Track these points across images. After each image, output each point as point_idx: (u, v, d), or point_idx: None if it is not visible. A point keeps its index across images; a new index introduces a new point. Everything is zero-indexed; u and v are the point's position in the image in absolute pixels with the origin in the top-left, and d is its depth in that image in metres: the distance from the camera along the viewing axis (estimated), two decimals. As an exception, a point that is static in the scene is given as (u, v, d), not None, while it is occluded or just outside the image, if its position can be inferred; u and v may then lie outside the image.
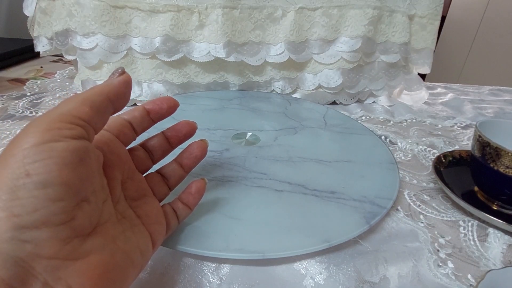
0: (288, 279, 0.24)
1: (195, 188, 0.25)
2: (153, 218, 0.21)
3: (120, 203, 0.20)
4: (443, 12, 0.82)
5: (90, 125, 0.16)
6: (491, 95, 0.70)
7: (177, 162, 0.25)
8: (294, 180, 0.33)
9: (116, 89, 0.18)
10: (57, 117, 0.15)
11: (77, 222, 0.15)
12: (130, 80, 0.19)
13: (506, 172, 0.29)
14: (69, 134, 0.15)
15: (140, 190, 0.22)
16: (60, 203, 0.14)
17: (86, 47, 0.46)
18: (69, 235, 0.14)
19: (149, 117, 0.23)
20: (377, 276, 0.25)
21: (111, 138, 0.20)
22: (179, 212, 0.24)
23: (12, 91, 0.54)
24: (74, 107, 0.16)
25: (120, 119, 0.22)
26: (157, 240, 0.21)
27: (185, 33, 0.47)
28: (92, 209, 0.16)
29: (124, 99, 0.19)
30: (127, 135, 0.22)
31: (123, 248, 0.17)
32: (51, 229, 0.14)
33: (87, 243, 0.15)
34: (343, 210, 0.29)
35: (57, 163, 0.14)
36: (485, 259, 0.27)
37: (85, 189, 0.15)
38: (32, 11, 0.49)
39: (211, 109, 0.48)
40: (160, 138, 0.25)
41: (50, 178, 0.14)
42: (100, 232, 0.16)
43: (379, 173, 0.35)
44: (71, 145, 0.15)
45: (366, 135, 0.44)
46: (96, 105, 0.17)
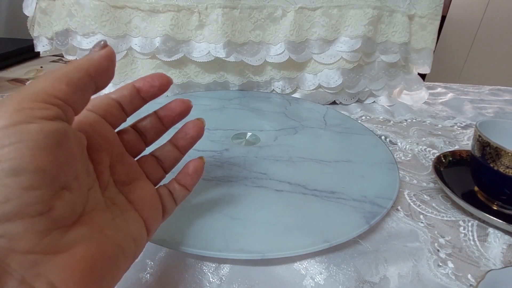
0: (288, 279, 0.24)
1: (193, 167, 0.23)
2: (147, 202, 0.20)
3: (109, 189, 0.18)
4: (443, 12, 0.82)
5: (68, 104, 0.14)
6: (491, 95, 0.70)
7: (172, 143, 0.23)
8: (294, 180, 0.33)
9: (97, 64, 0.16)
10: (29, 96, 0.13)
11: (57, 212, 0.13)
12: (112, 53, 0.17)
13: (506, 172, 0.29)
14: (43, 115, 0.13)
15: (131, 174, 0.20)
16: (35, 192, 0.12)
17: (86, 47, 0.46)
18: (48, 226, 0.13)
19: (139, 95, 0.20)
20: (377, 276, 0.25)
21: (96, 119, 0.19)
22: (175, 194, 0.22)
23: (12, 91, 0.54)
24: (48, 84, 0.14)
25: (107, 99, 0.20)
26: (152, 226, 0.19)
27: (185, 33, 0.47)
28: (74, 197, 0.14)
29: (107, 75, 0.17)
30: (116, 116, 0.20)
31: (112, 237, 0.16)
32: (26, 221, 0.12)
33: (70, 234, 0.14)
34: (343, 210, 0.29)
35: (30, 147, 0.12)
36: (485, 259, 0.27)
37: (65, 175, 0.14)
38: (32, 11, 0.49)
39: (211, 109, 0.48)
40: (153, 119, 0.22)
41: (22, 164, 0.12)
42: (85, 221, 0.15)
43: (379, 173, 0.35)
44: (46, 126, 0.13)
45: (366, 135, 0.44)
46: (74, 81, 0.15)
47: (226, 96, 0.53)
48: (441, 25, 1.37)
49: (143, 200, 0.19)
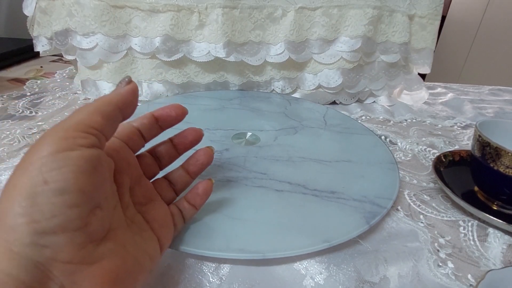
0: (288, 279, 0.24)
1: (202, 189, 0.25)
2: (161, 222, 0.22)
3: (129, 209, 0.20)
4: (443, 12, 0.82)
5: (102, 134, 0.17)
6: (491, 95, 0.70)
7: (184, 168, 0.26)
8: (294, 180, 0.33)
9: (124, 98, 0.19)
10: (72, 126, 0.16)
11: (91, 227, 0.15)
12: (136, 88, 0.20)
13: (506, 172, 0.29)
14: (83, 143, 0.16)
15: (147, 195, 0.22)
16: (76, 209, 0.14)
17: (86, 47, 0.46)
18: (84, 240, 0.15)
19: (157, 124, 0.23)
20: (377, 276, 0.25)
21: (120, 145, 0.21)
22: (185, 212, 0.24)
23: (12, 91, 0.54)
24: (87, 116, 0.17)
25: (129, 126, 0.22)
26: (164, 243, 0.21)
27: (185, 33, 0.47)
28: (104, 215, 0.16)
29: (132, 107, 0.20)
30: (136, 142, 0.22)
31: (133, 253, 0.18)
32: (68, 234, 0.14)
33: (100, 248, 0.16)
34: (343, 210, 0.29)
35: (73, 171, 0.15)
36: (485, 259, 0.27)
37: (98, 195, 0.16)
38: (32, 10, 0.49)
39: (211, 109, 0.48)
40: (167, 145, 0.25)
41: (66, 185, 0.14)
42: (111, 237, 0.17)
43: (379, 173, 0.35)
44: (86, 153, 0.15)
45: (366, 135, 0.44)
46: (106, 114, 0.17)
47: (226, 96, 0.53)
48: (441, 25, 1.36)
49: (158, 220, 0.21)
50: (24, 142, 0.39)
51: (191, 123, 0.43)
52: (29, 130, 0.42)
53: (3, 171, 0.34)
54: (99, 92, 0.49)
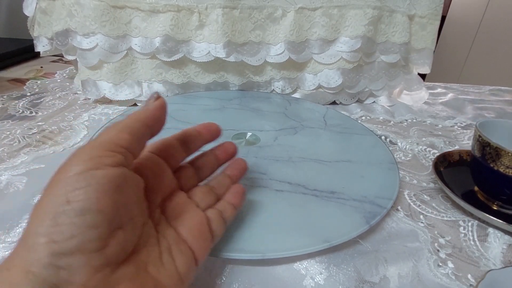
0: (288, 279, 0.24)
1: (241, 188, 0.26)
2: (195, 233, 0.21)
3: (160, 224, 0.20)
4: (443, 12, 0.82)
5: (129, 151, 0.17)
6: (492, 95, 0.70)
7: (226, 174, 0.26)
8: (294, 180, 0.33)
9: (152, 114, 0.19)
10: (99, 145, 0.16)
11: (110, 250, 0.15)
12: (165, 104, 0.20)
13: (506, 172, 0.29)
14: (109, 162, 0.15)
15: (181, 207, 0.22)
16: (95, 230, 0.14)
17: (86, 47, 0.46)
18: (102, 263, 0.14)
19: (200, 137, 0.24)
20: (377, 276, 0.25)
21: (155, 161, 0.21)
22: (226, 213, 0.24)
23: (12, 91, 0.54)
24: (114, 134, 0.17)
25: (169, 140, 0.23)
26: (200, 255, 0.20)
27: (185, 33, 0.47)
28: (126, 237, 0.16)
29: (160, 123, 0.20)
30: (175, 157, 0.23)
31: (155, 276, 0.17)
32: (85, 256, 0.14)
33: (118, 272, 0.15)
34: (343, 210, 0.29)
35: (96, 190, 0.14)
36: (485, 259, 0.27)
37: (120, 216, 0.16)
38: (32, 11, 0.49)
39: (211, 109, 0.48)
40: (209, 156, 0.26)
41: (88, 205, 0.14)
42: (133, 260, 0.16)
43: (379, 173, 0.35)
44: (110, 172, 0.15)
45: (366, 135, 0.44)
46: (134, 131, 0.18)
47: (226, 96, 0.53)
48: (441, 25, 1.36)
49: (192, 231, 0.21)
50: (24, 142, 0.39)
51: (191, 123, 0.43)
52: (29, 130, 0.42)
53: (3, 171, 0.34)
54: (99, 92, 0.49)
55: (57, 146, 0.39)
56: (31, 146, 0.39)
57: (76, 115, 0.47)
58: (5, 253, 0.25)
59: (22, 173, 0.33)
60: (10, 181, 0.32)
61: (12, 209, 0.29)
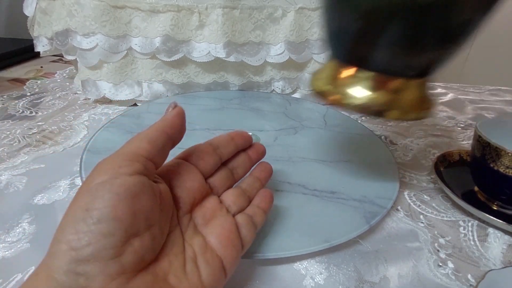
0: (288, 279, 0.24)
1: (269, 192, 0.26)
2: (224, 241, 0.20)
3: (188, 231, 0.20)
4: (443, 12, 0.82)
5: (149, 160, 0.17)
6: (492, 95, 0.70)
7: (255, 176, 0.27)
8: (294, 180, 0.33)
9: (171, 123, 0.19)
10: (119, 156, 0.17)
11: (126, 258, 0.15)
12: (182, 112, 0.20)
13: (506, 172, 0.29)
14: (127, 171, 0.16)
15: (211, 213, 0.21)
16: (111, 238, 0.14)
17: (86, 47, 0.46)
18: (117, 271, 0.15)
19: (233, 141, 0.25)
20: (377, 276, 0.25)
21: (185, 168, 0.21)
22: (255, 218, 0.23)
23: (12, 91, 0.54)
24: (134, 144, 0.18)
25: (202, 145, 0.23)
26: (229, 263, 0.20)
27: (185, 33, 0.47)
28: (144, 245, 0.16)
29: (180, 131, 0.20)
30: (208, 162, 0.23)
31: (174, 286, 0.17)
32: (101, 263, 0.14)
33: (135, 281, 0.15)
34: (343, 210, 0.29)
35: (112, 199, 0.15)
36: (485, 259, 0.27)
37: (137, 224, 0.16)
38: (32, 11, 0.49)
39: (211, 109, 0.48)
40: (242, 157, 0.26)
41: (104, 213, 0.15)
42: (152, 269, 0.16)
43: (379, 173, 0.35)
44: (127, 181, 0.16)
45: (366, 135, 0.44)
46: (154, 140, 0.18)
47: (226, 96, 0.53)
48: (441, 25, 1.36)
49: (220, 239, 0.20)
50: (24, 142, 0.39)
51: (191, 122, 0.43)
52: (29, 130, 0.42)
53: (3, 171, 0.34)
54: (99, 92, 0.49)
55: (57, 146, 0.39)
56: (31, 146, 0.39)
57: (76, 115, 0.47)
58: (5, 253, 0.25)
59: (22, 173, 0.33)
60: (10, 181, 0.32)
61: (12, 209, 0.29)
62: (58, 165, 0.35)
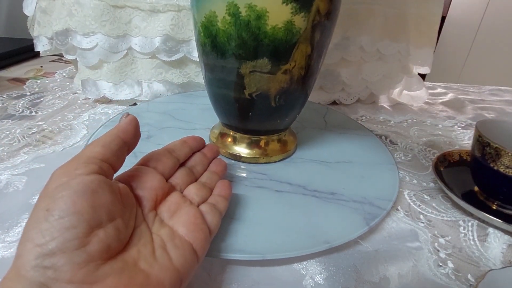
0: (288, 279, 0.24)
1: (227, 182, 0.27)
2: (191, 227, 0.22)
3: (155, 225, 0.21)
4: (443, 12, 0.82)
5: (104, 161, 0.19)
6: (492, 95, 0.70)
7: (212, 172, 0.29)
8: (294, 180, 0.33)
9: (123, 128, 0.21)
10: (75, 160, 0.18)
11: (92, 247, 0.16)
12: (135, 119, 0.22)
13: (506, 172, 0.29)
14: (83, 171, 0.17)
15: (176, 206, 0.23)
16: (73, 230, 0.15)
17: (86, 46, 0.46)
18: (84, 260, 0.15)
19: (186, 144, 0.28)
20: (377, 276, 0.25)
21: (145, 171, 0.23)
22: (218, 205, 0.25)
23: (12, 91, 0.54)
24: (88, 149, 0.19)
25: (161, 150, 0.26)
26: (199, 247, 0.21)
27: (185, 33, 0.47)
28: (108, 235, 0.17)
29: (134, 135, 0.22)
30: (166, 163, 0.25)
31: (147, 271, 0.18)
32: (67, 255, 0.15)
33: (105, 267, 0.16)
34: (343, 211, 0.29)
35: (70, 195, 0.16)
36: (485, 259, 0.27)
37: (98, 217, 0.17)
38: (32, 10, 0.49)
39: (211, 109, 0.48)
40: (200, 156, 0.29)
41: (65, 209, 0.16)
42: (122, 256, 0.17)
43: (379, 174, 0.35)
44: (84, 179, 0.17)
45: (366, 136, 0.44)
46: (107, 143, 0.20)
47: (226, 96, 0.53)
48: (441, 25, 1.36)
49: (187, 225, 0.22)
50: (24, 141, 0.39)
51: (191, 122, 0.43)
52: (29, 130, 0.42)
53: (3, 170, 0.34)
54: (99, 92, 0.49)
55: (57, 145, 0.39)
56: (31, 145, 0.39)
57: (76, 114, 0.47)
58: (4, 253, 0.25)
59: (22, 173, 0.33)
60: (10, 181, 0.32)
61: (11, 209, 0.29)
62: (58, 165, 0.35)
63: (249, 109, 0.33)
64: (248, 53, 0.28)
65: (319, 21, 0.28)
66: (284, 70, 0.29)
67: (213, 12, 0.27)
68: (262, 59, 0.28)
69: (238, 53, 0.28)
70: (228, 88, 0.32)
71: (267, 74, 0.29)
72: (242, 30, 0.27)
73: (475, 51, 1.63)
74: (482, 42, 1.60)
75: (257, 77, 0.29)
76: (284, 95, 0.31)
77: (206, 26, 0.29)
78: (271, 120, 0.34)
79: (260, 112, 0.33)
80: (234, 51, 0.28)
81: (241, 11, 0.26)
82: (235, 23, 0.27)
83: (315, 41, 0.29)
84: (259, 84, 0.30)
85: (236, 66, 0.29)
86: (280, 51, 0.28)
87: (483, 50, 1.61)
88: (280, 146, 0.37)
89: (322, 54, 0.32)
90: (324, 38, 0.30)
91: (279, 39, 0.27)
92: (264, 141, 0.37)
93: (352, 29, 0.51)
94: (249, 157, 0.36)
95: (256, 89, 0.30)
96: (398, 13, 0.53)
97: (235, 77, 0.30)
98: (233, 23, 0.27)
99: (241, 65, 0.29)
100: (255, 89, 0.30)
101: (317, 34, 0.28)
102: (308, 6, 0.26)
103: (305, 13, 0.26)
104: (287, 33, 0.27)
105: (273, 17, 0.26)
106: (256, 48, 0.28)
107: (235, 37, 0.27)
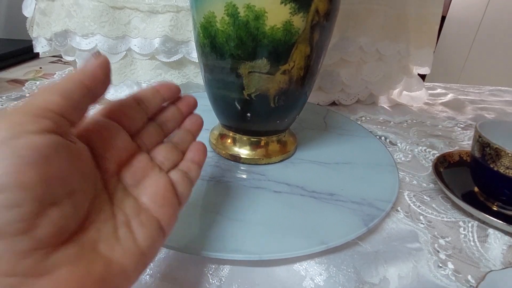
0: (288, 280, 0.24)
1: (201, 145, 0.24)
2: (159, 200, 0.18)
3: (117, 194, 0.17)
4: (443, 12, 0.82)
5: (62, 116, 0.14)
6: (492, 95, 0.70)
7: (187, 130, 0.24)
8: (293, 181, 0.33)
9: (91, 73, 0.16)
10: (21, 111, 0.13)
11: (41, 231, 0.12)
12: (106, 62, 0.17)
13: (506, 173, 0.29)
14: (33, 129, 0.13)
15: (142, 172, 0.19)
16: (17, 210, 0.12)
17: (85, 47, 0.46)
18: (30, 247, 0.12)
19: (159, 94, 0.22)
20: (377, 277, 0.25)
21: (106, 125, 0.18)
22: (191, 173, 0.22)
23: (11, 92, 0.54)
24: (41, 98, 0.14)
25: (124, 100, 0.20)
26: (167, 224, 0.18)
27: (184, 34, 0.47)
28: (64, 214, 0.13)
29: (103, 84, 0.17)
30: (132, 117, 0.20)
31: (107, 256, 0.15)
32: (7, 240, 0.12)
33: (56, 255, 0.13)
34: (342, 212, 0.29)
35: (15, 163, 0.12)
36: (485, 260, 0.27)
37: (52, 192, 0.13)
38: (31, 12, 0.49)
39: (210, 110, 0.48)
40: (172, 110, 0.23)
41: (5, 181, 0.11)
42: (77, 240, 0.14)
43: (379, 175, 0.35)
44: (34, 141, 0.12)
45: (366, 137, 0.44)
46: (68, 93, 0.15)
47: (225, 96, 0.53)
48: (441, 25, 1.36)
49: (155, 198, 0.18)
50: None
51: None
52: (28, 131, 0.42)
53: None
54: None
55: (56, 147, 0.39)
56: (30, 147, 0.39)
57: (75, 116, 0.47)
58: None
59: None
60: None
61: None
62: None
63: (249, 109, 0.33)
64: (246, 54, 0.28)
65: (318, 21, 0.28)
66: (283, 70, 0.29)
67: (212, 13, 0.27)
68: (261, 60, 0.28)
69: (237, 54, 0.28)
70: (227, 88, 0.32)
71: (266, 74, 0.29)
72: (241, 31, 0.27)
73: (475, 51, 1.63)
74: (482, 42, 1.60)
75: (256, 77, 0.29)
76: (283, 96, 0.31)
77: (205, 26, 0.29)
78: (271, 121, 0.34)
79: (259, 113, 0.33)
80: (233, 51, 0.28)
81: (239, 12, 0.26)
82: (234, 24, 0.27)
83: (314, 41, 0.29)
84: (258, 85, 0.30)
85: (235, 67, 0.29)
86: (279, 52, 0.28)
87: (483, 50, 1.61)
88: (280, 147, 0.37)
89: (321, 55, 0.31)
90: (323, 38, 0.30)
91: (278, 40, 0.27)
92: (264, 142, 0.36)
93: (352, 29, 0.51)
94: (249, 158, 0.36)
95: (255, 90, 0.30)
96: (398, 13, 0.52)
97: (234, 77, 0.30)
98: (232, 24, 0.27)
99: (240, 65, 0.29)
100: (254, 90, 0.30)
101: (316, 35, 0.28)
102: (306, 6, 0.26)
103: (303, 13, 0.26)
104: (285, 34, 0.27)
105: (271, 17, 0.26)
106: (254, 49, 0.28)
107: (233, 37, 0.27)
